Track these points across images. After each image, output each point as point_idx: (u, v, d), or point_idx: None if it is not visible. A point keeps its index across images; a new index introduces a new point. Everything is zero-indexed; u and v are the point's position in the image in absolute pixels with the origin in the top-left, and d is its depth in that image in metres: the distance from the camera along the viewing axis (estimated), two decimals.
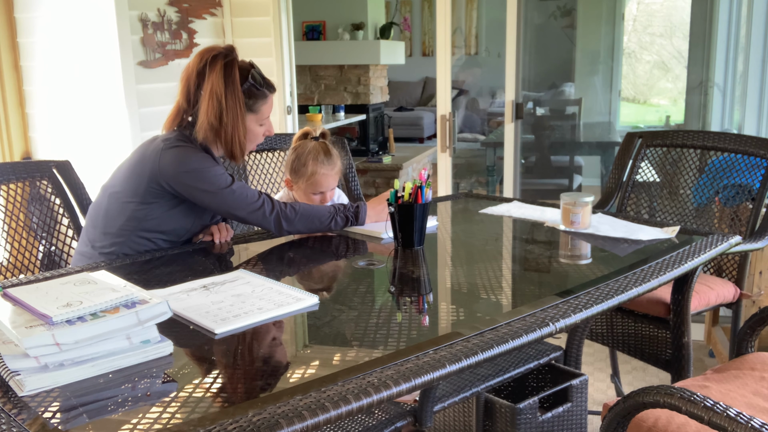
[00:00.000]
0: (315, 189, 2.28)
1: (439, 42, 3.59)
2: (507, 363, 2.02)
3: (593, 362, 3.16)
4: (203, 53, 1.97)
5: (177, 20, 3.58)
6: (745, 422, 1.07)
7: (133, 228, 1.94)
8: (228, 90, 1.93)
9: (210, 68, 1.93)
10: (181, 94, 2.01)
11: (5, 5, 3.20)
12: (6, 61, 3.23)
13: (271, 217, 1.96)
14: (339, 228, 2.08)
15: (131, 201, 1.93)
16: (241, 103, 1.96)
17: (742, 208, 2.60)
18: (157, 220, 1.95)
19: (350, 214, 2.08)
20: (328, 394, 1.04)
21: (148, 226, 1.95)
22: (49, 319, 1.13)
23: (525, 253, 1.98)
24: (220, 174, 1.93)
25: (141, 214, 1.93)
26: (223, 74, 1.93)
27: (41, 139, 3.35)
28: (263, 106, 2.04)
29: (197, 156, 1.93)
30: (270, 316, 1.38)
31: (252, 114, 2.02)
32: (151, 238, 1.97)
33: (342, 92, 7.60)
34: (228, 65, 1.94)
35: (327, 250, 2.04)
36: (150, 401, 1.07)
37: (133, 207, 1.93)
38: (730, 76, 4.56)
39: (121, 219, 1.94)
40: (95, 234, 1.97)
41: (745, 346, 1.82)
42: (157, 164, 1.90)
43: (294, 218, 1.99)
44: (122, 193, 1.95)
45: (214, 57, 1.94)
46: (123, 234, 1.94)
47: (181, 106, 2.01)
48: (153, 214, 1.94)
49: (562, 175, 5.31)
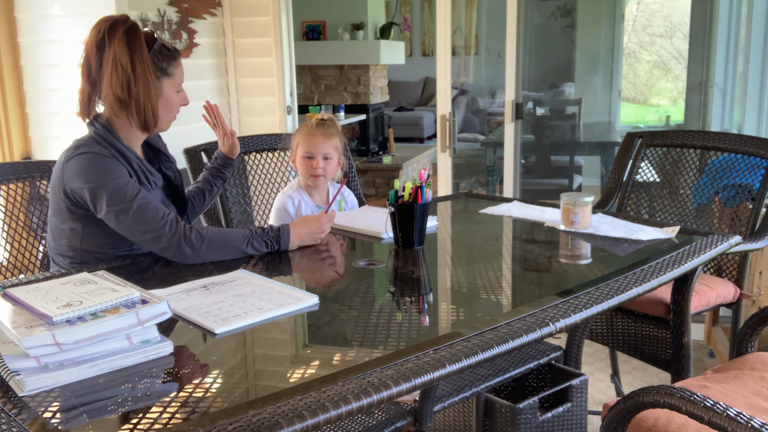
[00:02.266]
0: (304, 152, 2.35)
1: (439, 42, 3.59)
2: (507, 363, 2.02)
3: (593, 362, 3.16)
4: (98, 24, 1.77)
5: (177, 20, 3.58)
6: (745, 422, 1.07)
7: (79, 247, 1.83)
8: (135, 55, 1.73)
9: (109, 37, 1.73)
10: (82, 77, 1.81)
11: (5, 5, 3.20)
12: (6, 61, 3.23)
13: (172, 241, 1.74)
14: (259, 253, 1.85)
15: (63, 222, 1.83)
16: (150, 69, 1.77)
17: (742, 208, 2.60)
18: (96, 236, 1.82)
19: (270, 238, 1.85)
20: (328, 394, 1.04)
21: (92, 243, 1.83)
22: (49, 319, 1.13)
23: (525, 253, 1.98)
24: (120, 187, 1.74)
25: (77, 233, 1.82)
26: (126, 40, 1.73)
27: (41, 139, 3.35)
28: (176, 69, 1.87)
29: (98, 166, 1.74)
30: (270, 316, 1.38)
31: (168, 78, 1.85)
32: (105, 252, 1.84)
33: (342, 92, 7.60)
34: (130, 30, 1.75)
35: (327, 250, 2.04)
36: (150, 401, 1.07)
37: (68, 227, 1.82)
38: (730, 76, 4.56)
39: (64, 240, 1.84)
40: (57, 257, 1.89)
41: (745, 346, 1.82)
42: (62, 178, 1.78)
43: (200, 244, 1.76)
44: (54, 215, 1.85)
45: (113, 25, 1.75)
46: (74, 255, 1.84)
47: (84, 90, 1.82)
48: (89, 230, 1.81)
49: (562, 175, 5.31)
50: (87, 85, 1.82)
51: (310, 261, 1.96)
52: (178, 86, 1.90)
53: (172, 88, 1.88)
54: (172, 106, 1.89)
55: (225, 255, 1.80)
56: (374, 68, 7.67)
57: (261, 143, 2.69)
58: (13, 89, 3.28)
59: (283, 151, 2.75)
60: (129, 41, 1.74)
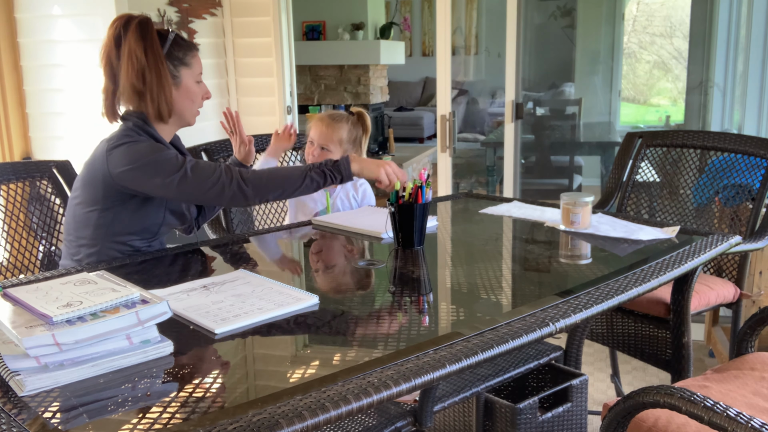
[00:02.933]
0: (309, 136, 2.42)
1: (439, 42, 3.59)
2: (507, 363, 2.02)
3: (593, 362, 3.16)
4: (114, 22, 1.84)
5: (177, 20, 3.58)
6: (745, 422, 1.07)
7: (103, 235, 1.87)
8: (147, 45, 1.80)
9: (125, 32, 1.81)
10: (105, 75, 1.87)
11: (5, 5, 3.20)
12: (6, 61, 3.23)
13: (232, 186, 1.79)
14: (318, 186, 1.87)
15: (93, 209, 1.86)
16: (162, 59, 1.83)
17: (742, 208, 2.60)
18: (124, 224, 1.88)
19: (328, 168, 1.86)
20: (328, 394, 1.04)
21: (117, 230, 1.87)
22: (49, 319, 1.13)
23: (525, 253, 1.98)
24: (169, 158, 1.80)
25: (106, 221, 1.86)
26: (139, 32, 1.80)
27: (41, 139, 3.35)
28: (193, 59, 1.93)
29: (142, 148, 1.81)
30: (270, 316, 1.38)
31: (185, 68, 1.90)
32: (125, 242, 1.90)
33: (342, 92, 7.60)
34: (142, 24, 1.81)
35: (327, 250, 2.04)
36: (150, 401, 1.07)
37: (97, 215, 1.86)
38: (730, 76, 4.56)
39: (89, 228, 1.88)
40: (72, 247, 1.93)
41: (745, 346, 1.82)
42: (107, 168, 1.81)
43: (258, 181, 1.81)
44: (83, 203, 1.88)
45: (127, 21, 1.82)
46: (95, 243, 1.88)
47: (108, 88, 1.88)
48: (119, 218, 1.87)
49: (562, 175, 5.31)
50: (110, 82, 1.87)
51: (310, 261, 1.96)
52: (197, 76, 1.94)
53: (191, 77, 1.92)
54: (194, 97, 1.93)
55: (286, 189, 1.83)
56: (374, 68, 7.67)
57: (261, 143, 2.69)
58: (13, 89, 3.28)
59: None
60: (142, 33, 1.80)
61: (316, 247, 2.08)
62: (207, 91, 1.99)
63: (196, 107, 1.96)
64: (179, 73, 1.89)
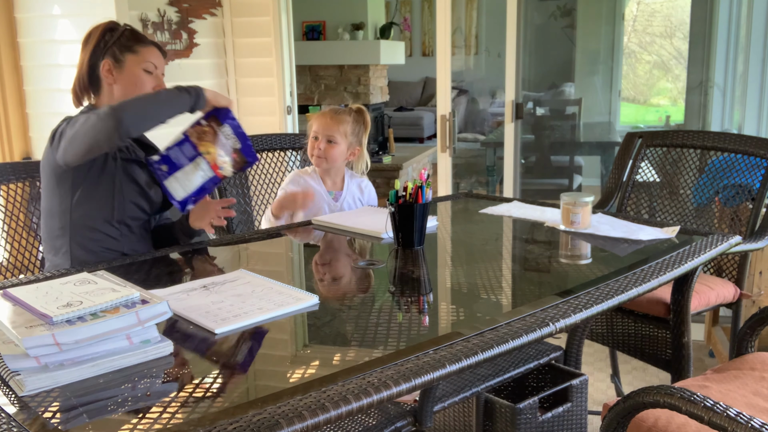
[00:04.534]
0: (312, 132, 2.40)
1: (439, 42, 3.59)
2: (507, 363, 2.02)
3: (593, 362, 3.16)
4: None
5: (177, 20, 3.58)
6: (745, 422, 1.07)
7: (71, 223, 1.93)
8: (86, 45, 1.99)
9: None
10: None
11: (5, 5, 3.20)
12: (6, 61, 3.23)
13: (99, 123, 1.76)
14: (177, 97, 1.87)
15: (53, 198, 1.93)
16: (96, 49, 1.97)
17: (742, 208, 2.60)
18: (84, 207, 1.92)
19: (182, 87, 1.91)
20: (328, 394, 1.04)
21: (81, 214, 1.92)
22: (49, 319, 1.13)
23: (525, 253, 1.98)
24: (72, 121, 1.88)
25: (65, 206, 1.92)
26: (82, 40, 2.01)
27: (41, 139, 3.35)
28: (143, 48, 1.99)
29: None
30: (270, 316, 1.38)
31: (131, 54, 1.97)
32: (93, 226, 1.93)
33: (342, 92, 7.60)
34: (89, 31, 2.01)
35: (327, 249, 2.04)
36: (150, 401, 1.07)
37: (57, 201, 1.93)
38: (730, 76, 4.56)
39: (55, 219, 1.94)
40: (47, 248, 1.99)
41: (745, 346, 1.82)
42: (48, 145, 1.93)
43: (124, 103, 1.81)
44: (45, 198, 1.96)
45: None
46: (65, 234, 1.94)
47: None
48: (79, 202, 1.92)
49: (562, 175, 5.31)
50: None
51: (310, 261, 1.96)
52: (145, 65, 1.98)
53: (136, 64, 1.97)
54: (137, 82, 1.97)
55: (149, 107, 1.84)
56: (374, 68, 7.67)
57: (261, 143, 2.69)
58: (13, 89, 3.28)
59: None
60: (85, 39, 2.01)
61: (316, 247, 2.08)
62: (161, 83, 2.02)
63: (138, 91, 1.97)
64: (123, 57, 1.97)
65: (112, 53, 1.97)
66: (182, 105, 1.87)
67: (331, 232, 2.15)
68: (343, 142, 2.39)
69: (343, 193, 2.47)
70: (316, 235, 2.16)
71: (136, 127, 1.80)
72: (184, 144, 1.95)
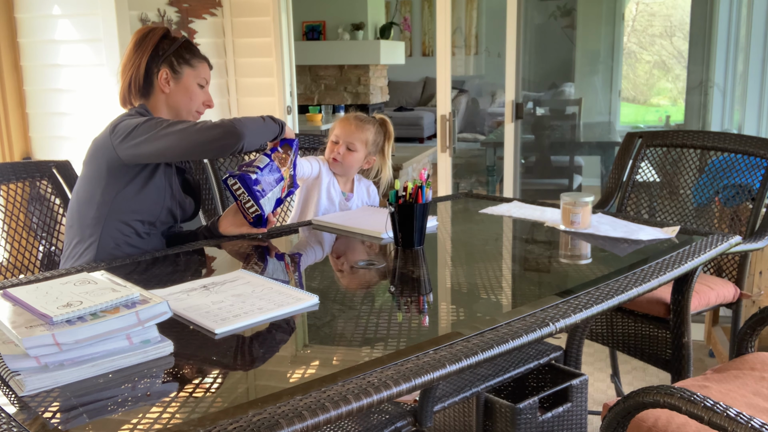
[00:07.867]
0: (333, 135, 2.42)
1: (439, 42, 3.59)
2: (507, 363, 2.02)
3: (593, 362, 3.16)
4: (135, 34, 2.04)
5: (177, 20, 3.58)
6: (745, 422, 1.07)
7: (107, 214, 1.93)
8: (140, 47, 1.99)
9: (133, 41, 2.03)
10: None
11: (5, 5, 3.20)
12: (6, 61, 3.23)
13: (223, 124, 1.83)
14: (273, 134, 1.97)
15: (97, 187, 1.93)
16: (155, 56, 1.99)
17: (742, 208, 2.60)
18: (127, 200, 1.94)
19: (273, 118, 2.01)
20: (328, 394, 1.04)
21: (120, 207, 1.94)
22: (49, 319, 1.13)
23: (525, 253, 1.98)
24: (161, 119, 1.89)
25: (108, 197, 1.93)
26: (135, 40, 2.01)
27: (41, 139, 3.35)
28: (199, 65, 2.05)
29: (142, 119, 1.90)
30: (270, 316, 1.38)
31: (189, 68, 2.03)
32: (128, 221, 1.95)
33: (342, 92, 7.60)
34: (144, 34, 2.02)
35: (327, 250, 2.04)
36: (150, 401, 1.07)
37: (100, 191, 1.93)
38: (730, 76, 4.56)
39: (93, 208, 1.94)
40: (73, 234, 1.98)
41: (745, 346, 1.82)
42: (108, 137, 1.91)
43: (244, 121, 1.87)
44: (87, 185, 1.96)
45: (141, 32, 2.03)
46: (99, 223, 1.94)
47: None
48: (122, 194, 1.93)
49: (562, 175, 5.31)
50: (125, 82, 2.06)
51: (310, 261, 1.96)
52: (200, 80, 2.05)
53: (193, 78, 2.04)
54: (192, 96, 2.04)
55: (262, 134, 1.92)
56: (374, 68, 7.68)
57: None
58: (13, 89, 3.28)
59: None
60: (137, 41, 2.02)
61: (316, 247, 2.08)
62: (210, 98, 2.10)
63: (193, 107, 2.06)
64: (182, 69, 2.02)
65: (170, 63, 2.00)
66: (273, 133, 1.98)
67: (331, 232, 2.15)
68: (362, 150, 2.42)
69: (354, 195, 2.49)
70: (316, 235, 2.16)
71: (250, 147, 1.89)
72: (274, 167, 2.02)
